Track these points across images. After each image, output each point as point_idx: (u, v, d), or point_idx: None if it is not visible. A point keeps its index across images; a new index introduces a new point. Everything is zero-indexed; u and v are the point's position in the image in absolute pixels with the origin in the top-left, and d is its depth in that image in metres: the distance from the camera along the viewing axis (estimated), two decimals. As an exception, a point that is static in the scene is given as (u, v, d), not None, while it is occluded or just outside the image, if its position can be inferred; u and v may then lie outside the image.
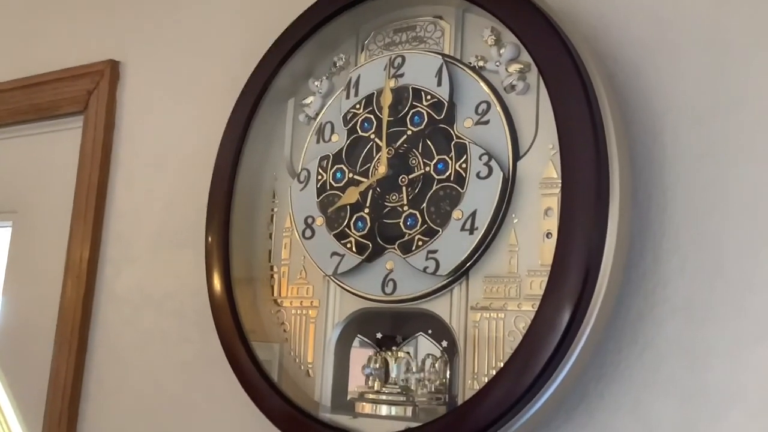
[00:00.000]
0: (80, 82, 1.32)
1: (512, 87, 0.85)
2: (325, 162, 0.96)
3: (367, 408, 0.87)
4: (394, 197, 0.90)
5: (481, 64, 0.88)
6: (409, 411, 0.85)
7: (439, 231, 0.85)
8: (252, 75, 1.03)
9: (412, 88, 0.91)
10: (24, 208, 1.41)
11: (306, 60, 1.01)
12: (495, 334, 0.82)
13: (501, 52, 0.86)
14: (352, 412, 0.88)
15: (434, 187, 0.87)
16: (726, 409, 0.73)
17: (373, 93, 0.94)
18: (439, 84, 0.88)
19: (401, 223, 0.89)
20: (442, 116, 0.88)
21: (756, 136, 0.76)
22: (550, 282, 0.75)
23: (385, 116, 0.92)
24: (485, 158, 0.84)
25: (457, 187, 0.85)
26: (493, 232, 0.83)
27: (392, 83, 0.92)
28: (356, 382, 0.91)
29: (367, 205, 0.91)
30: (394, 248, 0.88)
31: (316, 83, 1.01)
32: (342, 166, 0.95)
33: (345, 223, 0.92)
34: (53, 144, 1.38)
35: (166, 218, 1.20)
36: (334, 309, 0.94)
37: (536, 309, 0.76)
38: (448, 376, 0.87)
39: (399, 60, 0.93)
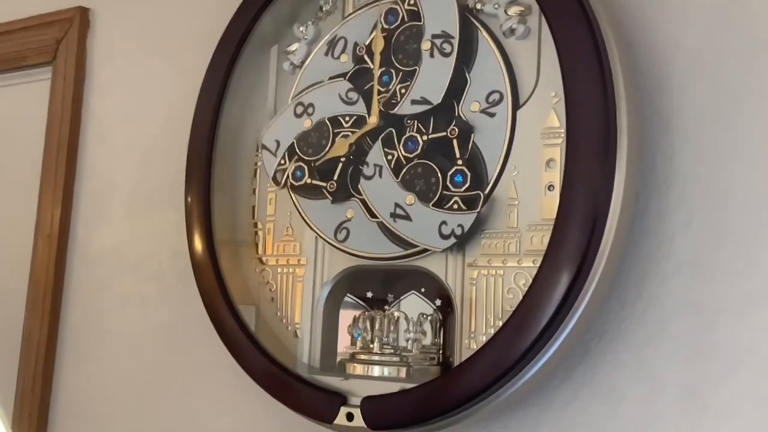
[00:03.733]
0: (48, 31, 1.25)
1: (512, 31, 0.80)
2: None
3: (359, 369, 0.84)
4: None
5: (479, 6, 0.83)
6: (402, 372, 0.82)
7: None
8: (232, 21, 0.97)
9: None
10: (-10, 165, 1.34)
11: (290, 4, 0.96)
12: (493, 291, 0.78)
13: (500, -7, 0.81)
14: (343, 374, 0.85)
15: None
16: (733, 368, 0.71)
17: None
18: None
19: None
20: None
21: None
22: (553, 237, 0.71)
23: (376, 64, 0.86)
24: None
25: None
26: (491, 185, 0.79)
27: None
28: (346, 342, 0.88)
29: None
30: (358, 199, 0.85)
31: (301, 29, 0.95)
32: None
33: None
34: (20, 97, 1.31)
35: (143, 175, 1.15)
36: (323, 267, 0.89)
37: (538, 265, 0.72)
38: (441, 336, 0.83)
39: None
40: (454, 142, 0.80)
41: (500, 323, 0.76)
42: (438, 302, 0.84)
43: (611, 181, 0.71)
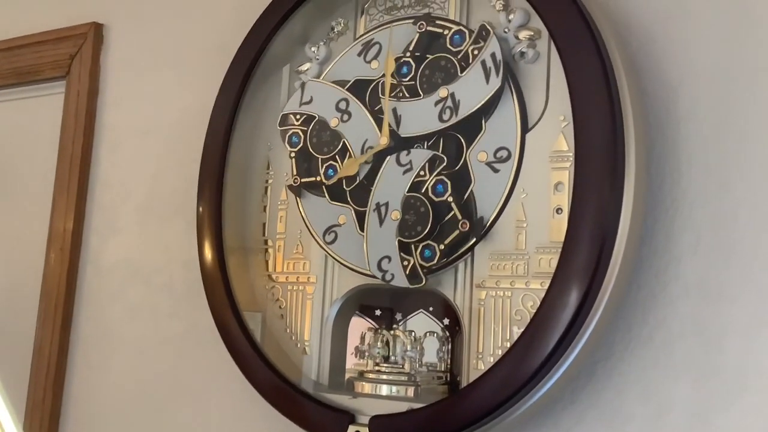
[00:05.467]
0: (62, 46, 1.26)
1: (522, 55, 0.81)
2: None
3: (367, 388, 0.84)
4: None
5: (489, 28, 0.83)
6: (411, 391, 0.82)
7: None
8: (245, 41, 0.99)
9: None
10: (4, 177, 1.35)
11: (302, 25, 0.97)
12: (501, 312, 0.79)
13: (510, 18, 0.82)
14: (352, 392, 0.85)
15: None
16: (740, 390, 0.71)
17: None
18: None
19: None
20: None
21: (776, 108, 0.73)
22: (562, 259, 0.72)
23: (387, 83, 0.87)
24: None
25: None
26: (500, 208, 0.80)
27: None
28: (354, 360, 0.89)
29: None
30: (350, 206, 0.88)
31: (313, 49, 0.96)
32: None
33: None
34: (35, 110, 1.32)
35: (154, 188, 1.16)
36: (332, 285, 0.90)
37: (546, 288, 0.73)
38: (449, 356, 0.84)
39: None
40: (458, 231, 0.81)
41: (508, 344, 0.76)
42: (446, 321, 0.85)
43: (619, 204, 0.71)
